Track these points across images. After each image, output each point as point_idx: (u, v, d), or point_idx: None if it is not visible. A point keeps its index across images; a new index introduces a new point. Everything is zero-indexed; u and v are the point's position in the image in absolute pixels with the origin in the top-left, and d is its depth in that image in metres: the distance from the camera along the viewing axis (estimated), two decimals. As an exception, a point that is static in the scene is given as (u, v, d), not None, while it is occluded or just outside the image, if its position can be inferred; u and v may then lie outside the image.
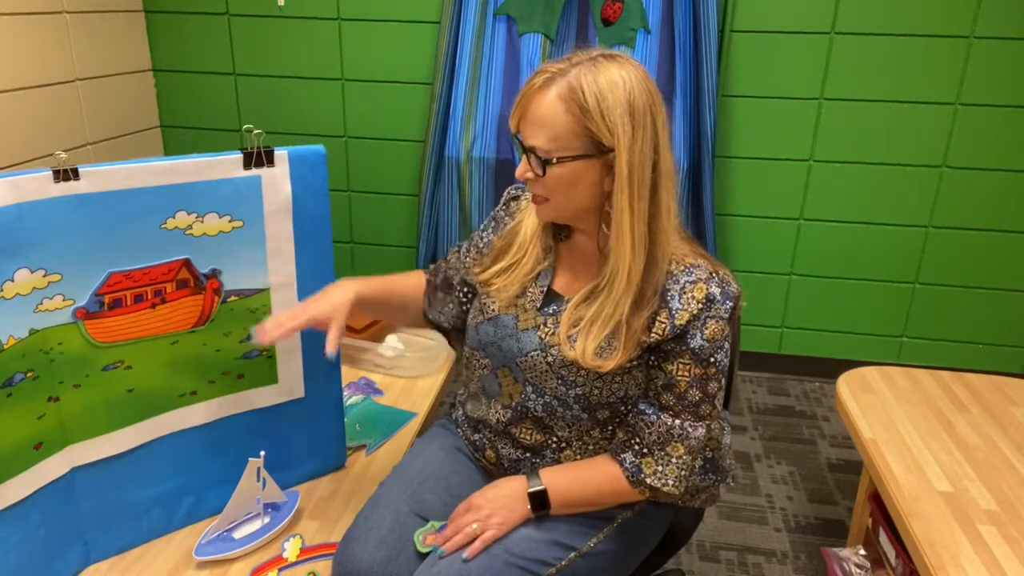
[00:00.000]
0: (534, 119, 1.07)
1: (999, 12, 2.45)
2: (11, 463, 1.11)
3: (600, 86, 1.03)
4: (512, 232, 1.26)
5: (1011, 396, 1.74)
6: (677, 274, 1.11)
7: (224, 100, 2.93)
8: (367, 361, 1.89)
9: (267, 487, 1.31)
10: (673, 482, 1.12)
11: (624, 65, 1.06)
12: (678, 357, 1.11)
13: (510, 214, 1.30)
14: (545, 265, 1.21)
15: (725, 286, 1.11)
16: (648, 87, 1.06)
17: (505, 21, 2.65)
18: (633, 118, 1.03)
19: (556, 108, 1.04)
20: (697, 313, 1.09)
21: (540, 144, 1.06)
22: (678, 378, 1.11)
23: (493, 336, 1.21)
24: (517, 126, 1.10)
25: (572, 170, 1.07)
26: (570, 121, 1.04)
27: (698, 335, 1.09)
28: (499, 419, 1.22)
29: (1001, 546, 1.26)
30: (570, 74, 1.05)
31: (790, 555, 2.01)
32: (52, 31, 2.39)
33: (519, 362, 1.17)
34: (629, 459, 1.14)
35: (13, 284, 1.07)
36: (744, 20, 2.57)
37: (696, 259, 1.13)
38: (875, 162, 2.66)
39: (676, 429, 1.12)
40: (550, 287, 1.20)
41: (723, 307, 1.10)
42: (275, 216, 1.28)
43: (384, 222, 3.01)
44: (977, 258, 2.72)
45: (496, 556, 1.08)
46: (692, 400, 1.11)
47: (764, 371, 2.99)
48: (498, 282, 1.22)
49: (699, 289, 1.09)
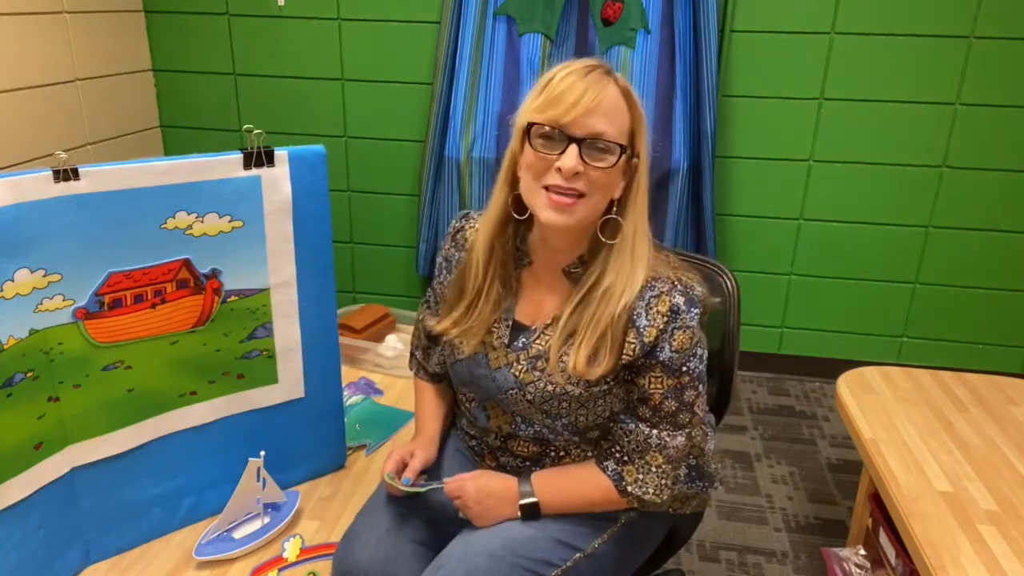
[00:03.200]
0: (604, 108, 1.03)
1: (999, 12, 2.45)
2: (11, 463, 1.11)
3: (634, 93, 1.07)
4: (462, 275, 1.20)
5: (1011, 396, 1.74)
6: (643, 290, 1.09)
7: (224, 100, 2.93)
8: (367, 361, 1.89)
9: (267, 487, 1.31)
10: (653, 491, 1.12)
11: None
12: (649, 371, 1.10)
13: (460, 249, 1.24)
14: (507, 304, 1.17)
15: (689, 292, 1.09)
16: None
17: (505, 21, 2.65)
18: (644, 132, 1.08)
19: (620, 101, 1.05)
20: (663, 327, 1.07)
21: (612, 133, 1.04)
22: (651, 391, 1.10)
23: (469, 376, 1.19)
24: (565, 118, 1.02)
25: (620, 166, 1.06)
26: (629, 119, 1.06)
27: (666, 347, 1.08)
28: (497, 435, 1.22)
29: (1001, 546, 1.26)
30: (616, 74, 1.06)
31: (790, 555, 2.01)
32: (52, 31, 2.39)
33: (500, 399, 1.17)
34: (611, 467, 1.14)
35: (13, 284, 1.07)
36: (744, 20, 2.57)
37: (656, 269, 1.10)
38: (875, 162, 2.66)
39: (653, 439, 1.11)
40: (515, 319, 1.17)
41: (688, 315, 1.08)
42: (275, 216, 1.28)
43: (384, 222, 3.01)
44: (977, 258, 2.72)
45: (502, 557, 1.08)
46: (668, 411, 1.11)
47: (764, 371, 2.99)
48: (456, 331, 1.18)
49: (662, 302, 1.08)
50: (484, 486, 1.15)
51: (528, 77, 2.66)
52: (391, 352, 1.86)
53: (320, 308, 1.38)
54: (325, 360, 1.42)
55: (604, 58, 2.59)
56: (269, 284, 1.31)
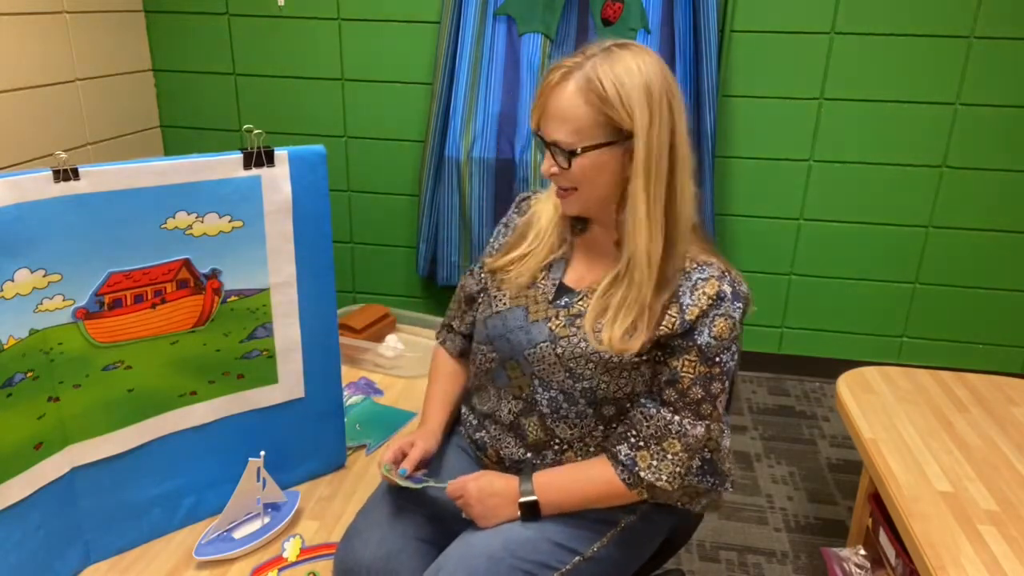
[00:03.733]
0: (555, 114, 1.08)
1: (999, 12, 2.45)
2: (11, 463, 1.11)
3: (616, 73, 1.05)
4: (526, 224, 1.27)
5: (1011, 396, 1.74)
6: (690, 271, 1.11)
7: (224, 100, 2.93)
8: (367, 361, 1.89)
9: (267, 487, 1.31)
10: (667, 478, 1.12)
11: (639, 53, 1.07)
12: (684, 353, 1.11)
13: (522, 214, 1.31)
14: (559, 255, 1.22)
15: (737, 286, 1.12)
16: (664, 73, 1.07)
17: (505, 21, 2.65)
18: (650, 103, 1.05)
19: (575, 101, 1.06)
20: (707, 309, 1.09)
21: (563, 137, 1.08)
22: (682, 374, 1.11)
23: (502, 329, 1.20)
24: (537, 123, 1.12)
25: (596, 159, 1.08)
26: (590, 112, 1.06)
27: (706, 331, 1.10)
28: (510, 410, 1.21)
29: (1001, 546, 1.26)
30: (586, 66, 1.06)
31: (790, 555, 2.01)
32: (52, 31, 2.39)
33: (527, 354, 1.17)
34: (624, 451, 1.14)
35: (13, 284, 1.07)
36: (744, 20, 2.57)
37: (709, 257, 1.13)
38: (875, 162, 2.66)
39: (674, 425, 1.12)
40: (561, 280, 1.20)
41: (733, 306, 1.10)
42: (275, 216, 1.28)
43: (384, 222, 3.01)
44: (977, 258, 2.72)
45: (501, 559, 1.08)
46: (694, 398, 1.11)
47: (764, 371, 2.99)
48: (512, 269, 1.22)
49: (711, 285, 1.10)
50: (487, 486, 1.15)
51: (528, 77, 2.66)
52: (391, 352, 1.86)
53: (320, 308, 1.38)
54: (325, 360, 1.42)
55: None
56: (269, 284, 1.31)
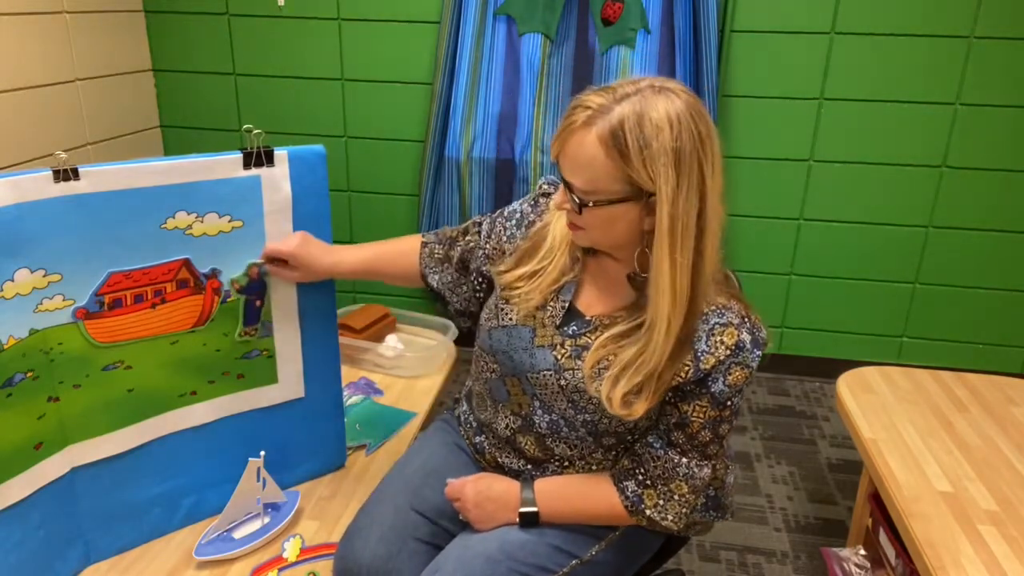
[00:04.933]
0: (573, 158, 1.01)
1: (999, 12, 2.45)
2: (11, 463, 1.11)
3: (644, 130, 0.95)
4: (539, 235, 1.19)
5: (1011, 396, 1.74)
6: (708, 314, 1.05)
7: (224, 100, 2.93)
8: (367, 361, 1.89)
9: (267, 487, 1.31)
10: (673, 518, 1.12)
11: (673, 100, 0.97)
12: (696, 399, 1.07)
13: (538, 213, 1.22)
14: (571, 277, 1.15)
15: (756, 332, 1.06)
16: (697, 127, 0.97)
17: (505, 21, 2.65)
18: (678, 167, 0.96)
19: (595, 151, 0.98)
20: (724, 359, 1.04)
21: (578, 184, 1.01)
22: (692, 418, 1.08)
23: (506, 345, 1.16)
24: (556, 156, 1.04)
25: (610, 212, 1.02)
26: (610, 165, 0.98)
27: (720, 380, 1.05)
28: (507, 425, 1.20)
29: (1001, 546, 1.26)
30: (612, 113, 0.97)
31: (790, 555, 2.01)
32: (52, 31, 2.39)
33: (530, 377, 1.14)
34: (631, 488, 1.13)
35: (13, 284, 1.07)
36: (744, 20, 2.57)
37: (728, 300, 1.07)
38: (875, 162, 2.66)
39: (682, 468, 1.10)
40: (572, 303, 1.14)
41: (751, 355, 1.05)
42: (275, 216, 1.28)
43: (384, 222, 3.01)
44: (977, 258, 2.72)
45: (499, 562, 1.08)
46: (702, 440, 1.09)
47: (764, 371, 2.99)
48: (522, 287, 1.15)
49: (729, 334, 1.04)
50: (485, 489, 1.15)
51: (528, 77, 2.66)
52: (391, 352, 1.86)
53: (320, 308, 1.38)
54: (325, 360, 1.42)
55: (604, 59, 2.59)
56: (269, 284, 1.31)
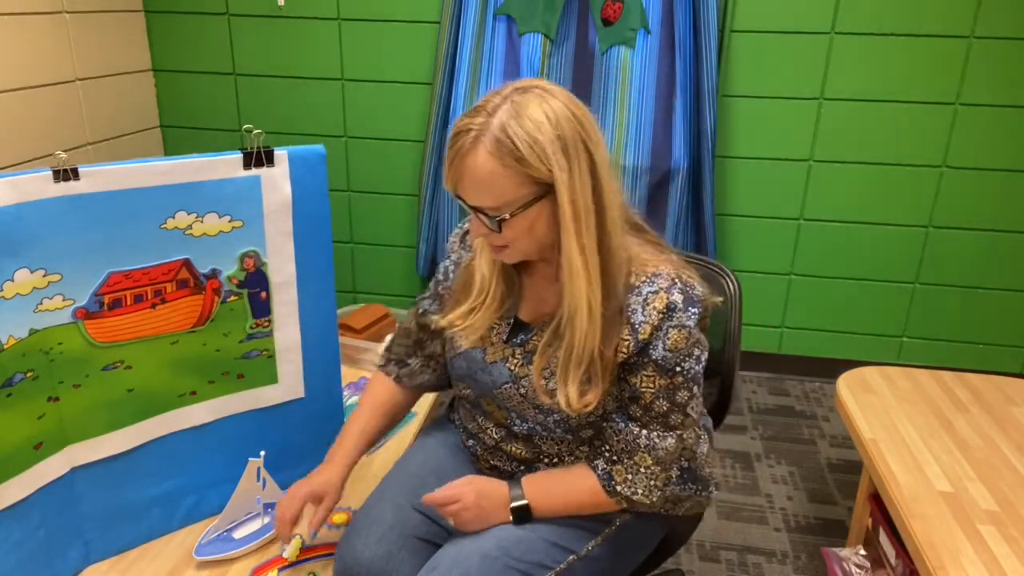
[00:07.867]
0: (474, 182, 1.01)
1: (999, 12, 2.45)
2: (11, 463, 1.11)
3: (527, 129, 0.98)
4: (467, 271, 1.21)
5: (1011, 396, 1.74)
6: (639, 286, 1.07)
7: (224, 100, 2.93)
8: (367, 361, 1.89)
9: (267, 487, 1.32)
10: (642, 491, 1.12)
11: (544, 97, 1.01)
12: (641, 369, 1.08)
13: (469, 250, 1.24)
14: (510, 303, 1.18)
15: (688, 291, 1.07)
16: (573, 111, 1.01)
17: (505, 21, 2.65)
18: (566, 152, 0.99)
19: (491, 165, 0.99)
20: (658, 324, 1.06)
21: (488, 204, 1.02)
22: (642, 390, 1.09)
23: (466, 370, 1.21)
24: (454, 188, 1.04)
25: (527, 217, 1.03)
26: (509, 174, 0.99)
27: (660, 345, 1.06)
28: (491, 435, 1.23)
29: (1001, 546, 1.26)
30: (492, 125, 0.99)
31: (790, 555, 2.01)
32: (52, 31, 2.39)
33: (496, 393, 1.17)
34: (601, 466, 1.14)
35: (13, 284, 1.07)
36: (744, 20, 2.57)
37: (658, 266, 1.09)
38: (875, 162, 2.66)
39: (642, 439, 1.11)
40: (516, 316, 1.18)
41: (685, 314, 1.06)
42: (275, 216, 1.28)
43: (384, 222, 3.01)
44: (977, 258, 2.72)
45: (495, 559, 1.08)
46: (659, 411, 1.10)
47: (764, 371, 2.99)
48: (460, 323, 1.18)
49: (659, 299, 1.06)
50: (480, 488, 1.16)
51: (528, 77, 2.66)
52: (391, 352, 1.86)
53: (320, 308, 1.38)
54: (325, 360, 1.42)
55: (604, 59, 2.59)
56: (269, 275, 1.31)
